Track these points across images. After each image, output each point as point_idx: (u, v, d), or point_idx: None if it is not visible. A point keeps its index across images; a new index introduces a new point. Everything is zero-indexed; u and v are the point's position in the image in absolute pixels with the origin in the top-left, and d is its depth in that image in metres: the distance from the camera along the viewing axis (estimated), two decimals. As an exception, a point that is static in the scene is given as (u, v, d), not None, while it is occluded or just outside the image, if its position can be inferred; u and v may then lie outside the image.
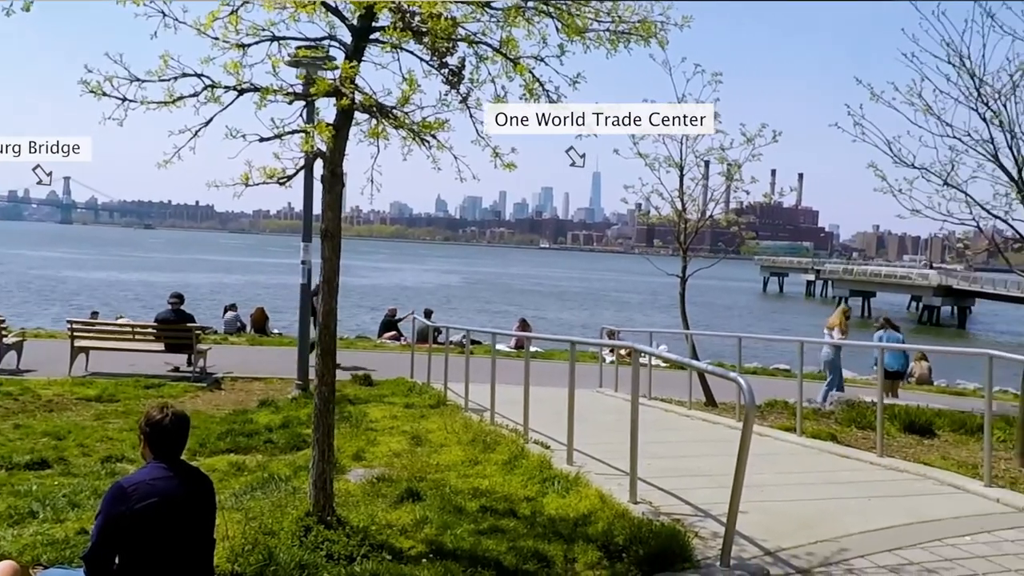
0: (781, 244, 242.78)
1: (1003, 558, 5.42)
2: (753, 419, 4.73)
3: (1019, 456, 8.11)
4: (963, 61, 7.94)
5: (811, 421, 10.36)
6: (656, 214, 12.98)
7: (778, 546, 5.34)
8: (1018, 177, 8.00)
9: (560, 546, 5.18)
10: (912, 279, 75.03)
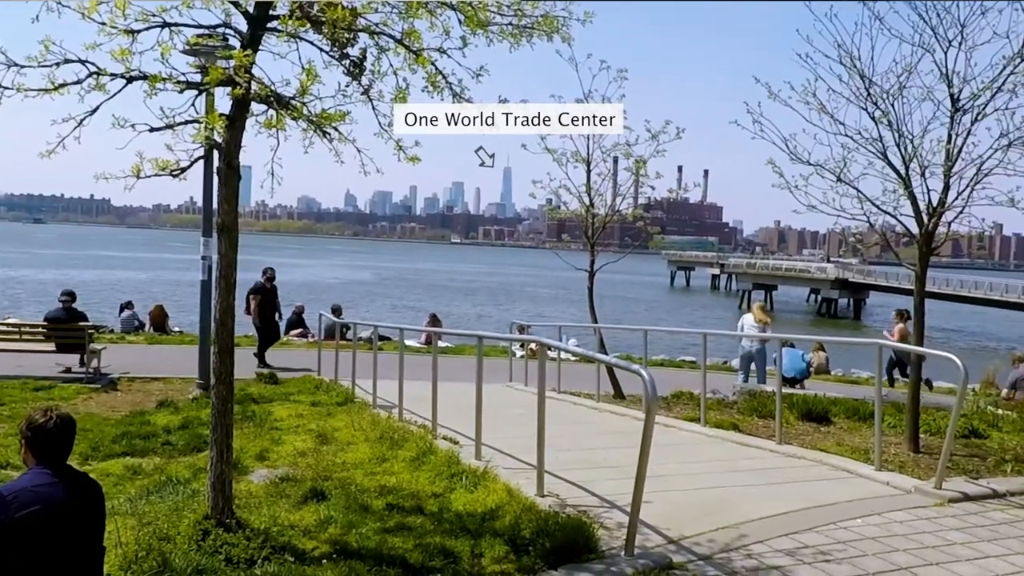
0: (688, 239, 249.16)
1: (891, 539, 5.67)
2: (655, 411, 4.80)
3: (908, 441, 8.48)
4: (853, 62, 8.25)
5: (715, 411, 10.62)
6: (565, 209, 13.10)
7: (681, 534, 5.45)
8: (905, 174, 8.35)
9: (467, 541, 5.15)
10: (811, 273, 78.06)
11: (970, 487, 6.98)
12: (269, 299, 15.55)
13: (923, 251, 8.42)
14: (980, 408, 11.11)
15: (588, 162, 11.78)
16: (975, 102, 8.04)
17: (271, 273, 15.95)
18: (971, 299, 62.59)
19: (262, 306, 15.31)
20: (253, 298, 15.32)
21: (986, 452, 8.56)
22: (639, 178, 12.29)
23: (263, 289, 15.50)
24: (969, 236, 10.88)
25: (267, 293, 15.52)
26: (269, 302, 15.53)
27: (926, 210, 8.30)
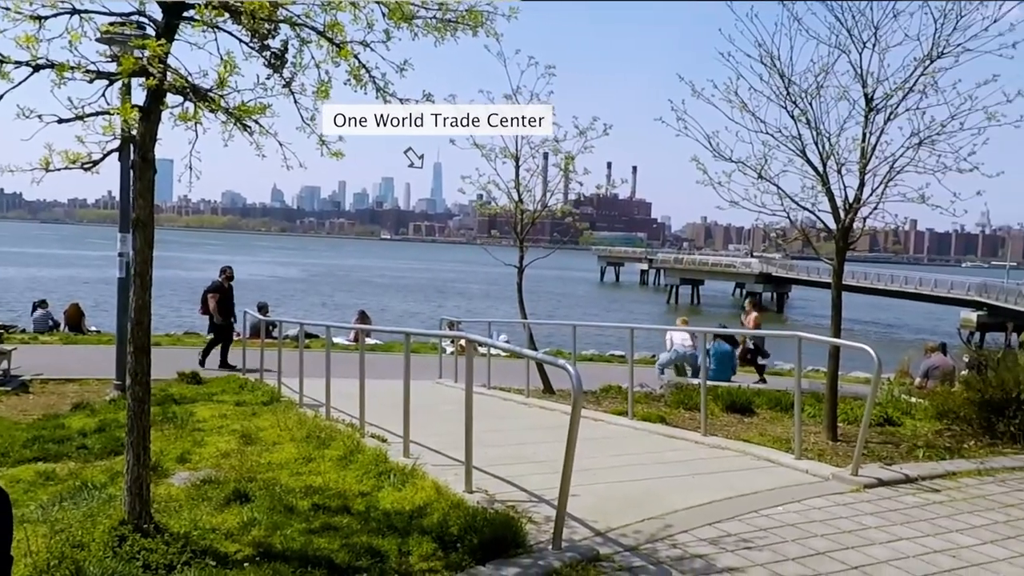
0: (617, 235, 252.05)
1: (810, 524, 5.84)
2: (581, 405, 4.83)
3: (826, 430, 8.74)
4: (773, 62, 8.45)
5: (643, 405, 10.77)
6: (494, 205, 13.11)
7: (608, 526, 5.51)
8: (823, 171, 8.59)
9: (395, 540, 5.11)
10: (736, 267, 79.90)
11: (884, 473, 7.23)
12: (227, 298, 15.26)
13: (840, 246, 8.68)
14: (895, 397, 11.50)
15: (517, 158, 11.81)
16: (888, 102, 8.33)
17: (230, 272, 15.70)
18: (887, 292, 64.94)
19: (222, 305, 15.06)
20: (212, 297, 15.03)
21: (900, 439, 8.88)
22: (568, 174, 12.37)
23: (222, 288, 15.20)
24: (885, 231, 11.26)
25: (226, 292, 15.24)
26: (228, 301, 15.25)
27: (842, 206, 8.55)
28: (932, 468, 7.57)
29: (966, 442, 8.86)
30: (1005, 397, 9.02)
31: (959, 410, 9.51)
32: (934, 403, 10.35)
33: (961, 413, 9.46)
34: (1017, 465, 7.91)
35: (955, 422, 9.52)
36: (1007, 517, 6.29)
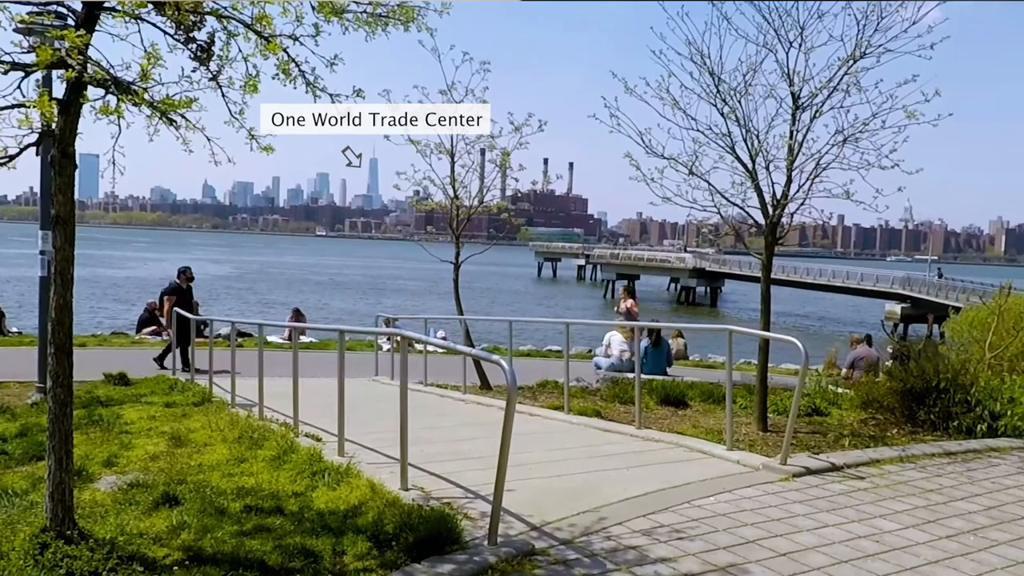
0: (554, 231, 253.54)
1: (741, 514, 5.97)
2: (515, 400, 4.85)
3: (757, 421, 8.94)
4: (704, 60, 8.59)
5: (579, 399, 10.86)
6: (431, 201, 13.05)
7: (543, 520, 5.54)
8: (752, 168, 8.77)
9: (329, 540, 5.05)
10: (671, 262, 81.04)
11: (812, 462, 7.43)
12: (186, 300, 14.89)
13: (768, 241, 8.88)
14: (823, 387, 11.81)
15: (452, 154, 11.79)
16: (813, 100, 8.53)
17: (189, 273, 15.30)
18: (816, 286, 66.73)
19: (183, 307, 14.68)
20: (168, 299, 14.65)
21: (827, 428, 9.13)
22: (505, 171, 12.39)
23: (179, 290, 14.82)
24: (813, 226, 11.55)
25: (184, 294, 14.86)
26: (186, 303, 14.86)
27: (771, 202, 8.74)
28: (857, 456, 7.80)
29: (889, 430, 9.16)
30: (925, 386, 9.36)
31: (883, 399, 9.82)
32: (859, 393, 10.66)
33: (885, 402, 9.77)
34: (936, 451, 8.21)
35: (879, 411, 9.83)
36: (927, 502, 6.53)
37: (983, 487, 7.09)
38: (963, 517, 6.18)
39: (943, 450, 8.28)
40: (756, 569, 4.90)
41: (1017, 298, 17.96)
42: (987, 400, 9.30)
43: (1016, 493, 6.95)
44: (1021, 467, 7.90)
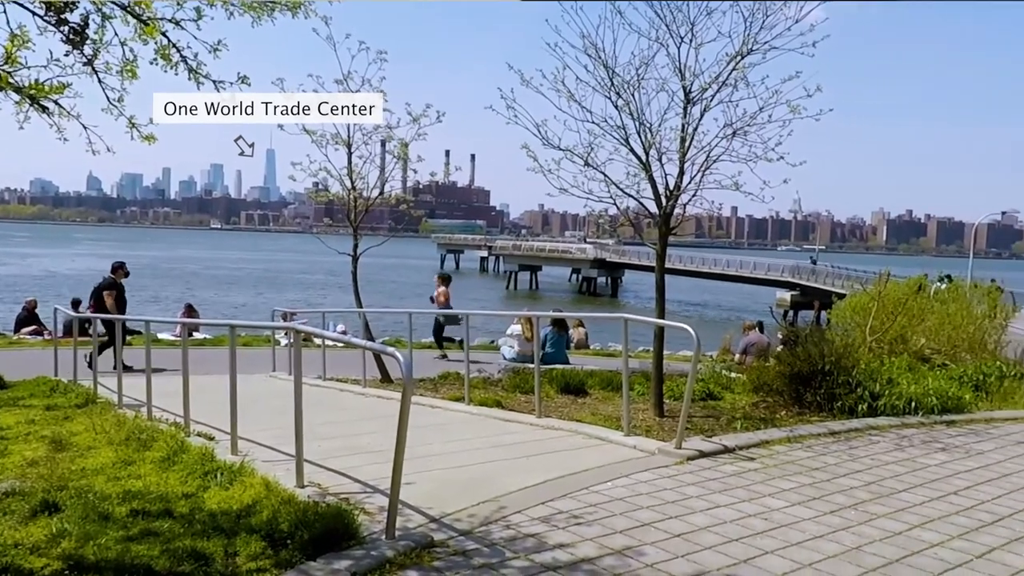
0: (457, 222, 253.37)
1: (637, 498, 6.10)
2: (411, 392, 4.81)
3: (653, 407, 9.14)
4: (598, 53, 8.69)
5: (480, 390, 10.87)
6: (327, 192, 12.79)
7: (443, 512, 5.53)
8: (646, 160, 8.93)
9: (221, 541, 4.90)
10: (573, 253, 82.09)
11: (705, 445, 7.65)
12: (123, 296, 14.38)
13: (662, 231, 9.08)
14: (716, 373, 12.20)
15: (349, 144, 11.56)
16: (703, 94, 8.74)
17: (126, 268, 14.70)
18: (712, 275, 68.84)
19: (119, 303, 14.07)
20: (108, 295, 13.97)
21: (720, 412, 9.41)
22: (405, 162, 12.26)
23: (116, 284, 14.20)
24: (709, 217, 11.88)
25: (122, 289, 14.35)
26: (123, 299, 14.35)
27: (664, 193, 8.94)
28: (748, 438, 8.07)
29: (779, 412, 9.52)
30: (812, 370, 9.76)
31: (772, 383, 10.20)
32: (751, 377, 11.05)
33: (774, 386, 10.15)
34: (821, 431, 8.59)
35: (769, 394, 10.20)
36: (812, 480, 6.82)
37: (864, 463, 7.46)
38: (845, 493, 6.48)
39: (827, 430, 8.65)
40: (651, 551, 5.02)
41: (895, 285, 18.98)
42: (868, 381, 9.78)
43: (893, 468, 7.33)
44: (898, 444, 8.35)
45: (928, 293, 18.96)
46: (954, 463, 7.67)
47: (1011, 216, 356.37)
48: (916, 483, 6.88)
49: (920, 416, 9.52)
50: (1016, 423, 9.89)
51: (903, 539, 5.45)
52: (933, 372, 12.07)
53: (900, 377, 10.51)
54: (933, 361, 14.32)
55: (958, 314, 17.00)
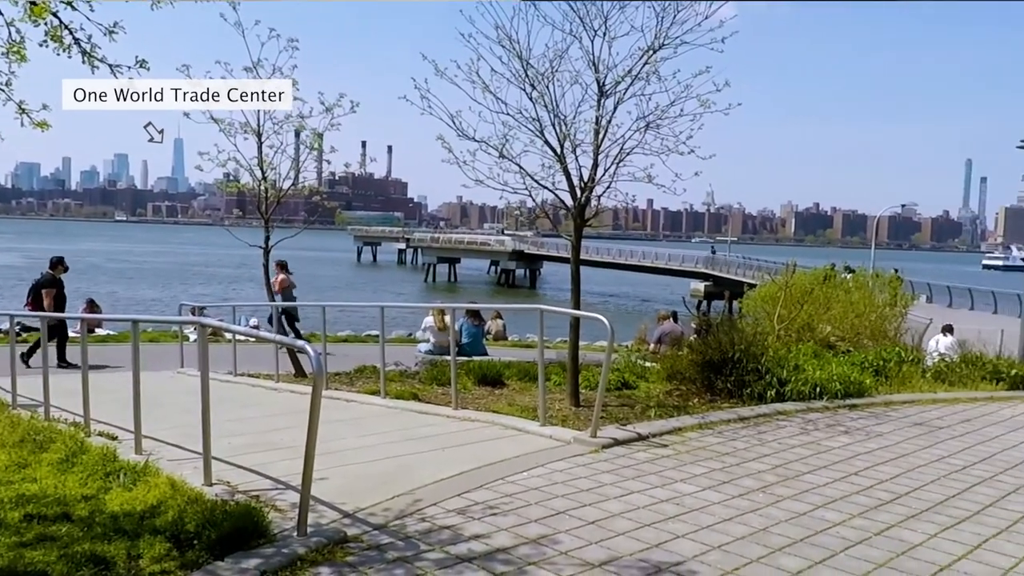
0: (374, 214, 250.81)
1: (552, 487, 6.14)
2: (322, 386, 4.72)
3: (569, 396, 9.22)
4: (512, 45, 8.69)
5: (396, 383, 10.77)
6: (236, 183, 12.45)
7: (357, 507, 5.45)
8: (561, 152, 8.98)
9: (123, 544, 4.71)
10: (491, 245, 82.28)
11: (620, 433, 7.75)
12: (63, 292, 13.75)
13: (577, 223, 9.15)
14: (632, 362, 12.37)
15: (259, 134, 11.26)
16: (617, 88, 8.84)
17: (65, 263, 14.08)
18: (629, 266, 70.05)
19: (58, 300, 13.42)
20: (47, 293, 13.32)
21: (635, 401, 9.55)
22: (320, 152, 12.02)
23: (56, 281, 13.56)
24: (626, 210, 12.03)
25: (61, 286, 13.71)
26: (62, 295, 13.72)
27: (579, 184, 9.01)
28: (661, 425, 8.22)
29: (691, 400, 9.72)
30: (723, 358, 9.99)
31: (685, 371, 10.41)
32: (664, 366, 11.24)
33: (687, 374, 10.36)
34: (731, 417, 8.81)
35: (682, 382, 10.40)
36: (722, 464, 6.99)
37: (771, 447, 7.69)
38: (753, 476, 6.67)
39: (737, 416, 8.89)
40: (565, 538, 5.05)
41: (802, 275, 19.65)
42: (775, 368, 10.08)
43: (799, 451, 7.58)
44: (804, 428, 8.64)
45: (841, 281, 19.65)
46: (855, 445, 7.98)
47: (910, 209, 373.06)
48: (820, 465, 7.13)
49: (824, 401, 9.87)
50: (913, 406, 10.36)
51: (807, 519, 5.64)
52: (837, 358, 12.54)
53: (806, 363, 10.87)
54: (838, 348, 14.89)
55: (861, 303, 17.73)
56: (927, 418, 9.58)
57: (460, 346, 13.59)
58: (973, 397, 11.27)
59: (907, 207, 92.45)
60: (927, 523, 5.69)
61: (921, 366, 13.24)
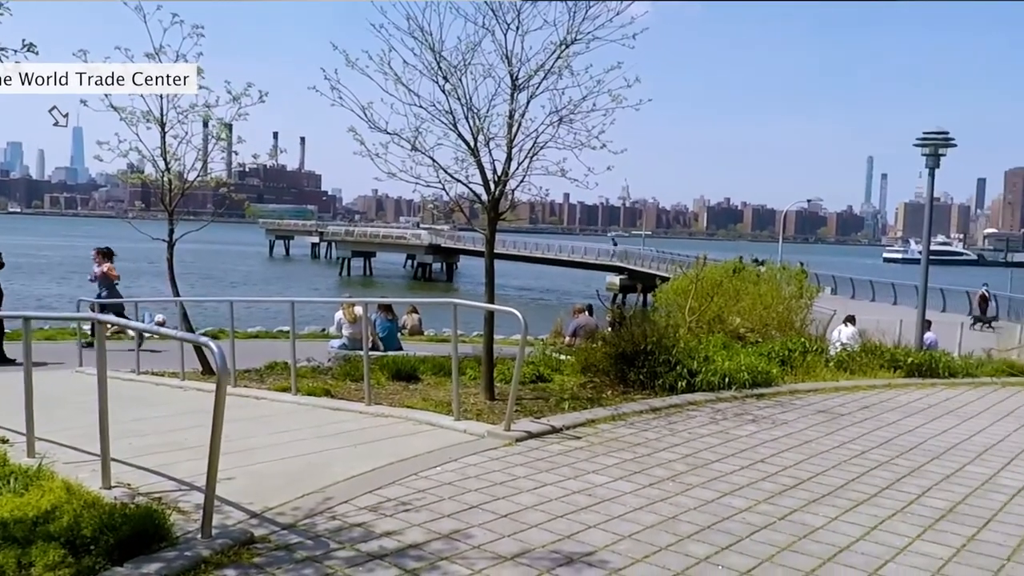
0: (286, 207, 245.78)
1: (466, 481, 6.12)
2: (226, 382, 4.58)
3: (484, 390, 9.21)
4: (425, 36, 8.60)
5: (309, 379, 10.56)
6: (138, 174, 11.98)
7: (265, 506, 5.32)
8: (474, 145, 8.94)
9: (14, 552, 4.47)
10: (407, 239, 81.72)
11: (533, 426, 7.79)
12: None
13: (491, 216, 9.13)
14: (547, 355, 12.47)
15: (163, 123, 10.84)
16: (529, 81, 8.85)
17: (2, 258, 13.59)
18: (546, 260, 70.63)
19: None
20: None
21: (550, 393, 9.60)
22: (230, 143, 11.66)
23: None
24: (542, 204, 12.08)
25: None
26: None
27: (492, 178, 8.99)
28: (575, 418, 8.29)
29: (605, 392, 9.83)
30: (635, 350, 10.15)
31: (599, 364, 10.52)
32: (579, 359, 11.34)
33: (601, 366, 10.48)
34: (643, 408, 8.95)
35: (596, 375, 10.52)
36: (634, 455, 7.10)
37: (682, 437, 7.85)
38: (664, 466, 6.79)
39: (649, 407, 9.04)
40: (479, 532, 5.04)
41: (712, 268, 20.14)
42: (686, 360, 10.29)
43: (708, 440, 7.76)
44: (713, 417, 8.85)
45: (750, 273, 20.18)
46: (762, 433, 8.22)
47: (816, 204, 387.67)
48: (728, 453, 7.32)
49: (733, 390, 10.14)
50: (817, 394, 10.74)
51: (715, 506, 5.78)
52: (746, 349, 12.90)
53: (716, 354, 11.14)
54: (747, 339, 15.32)
55: (769, 295, 18.29)
56: (830, 406, 9.94)
57: (374, 341, 13.46)
58: (873, 384, 11.76)
59: (813, 202, 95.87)
60: (828, 507, 5.89)
61: (825, 356, 13.73)
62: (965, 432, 8.84)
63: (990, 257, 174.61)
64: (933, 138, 18.16)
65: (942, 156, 18.26)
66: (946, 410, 10.19)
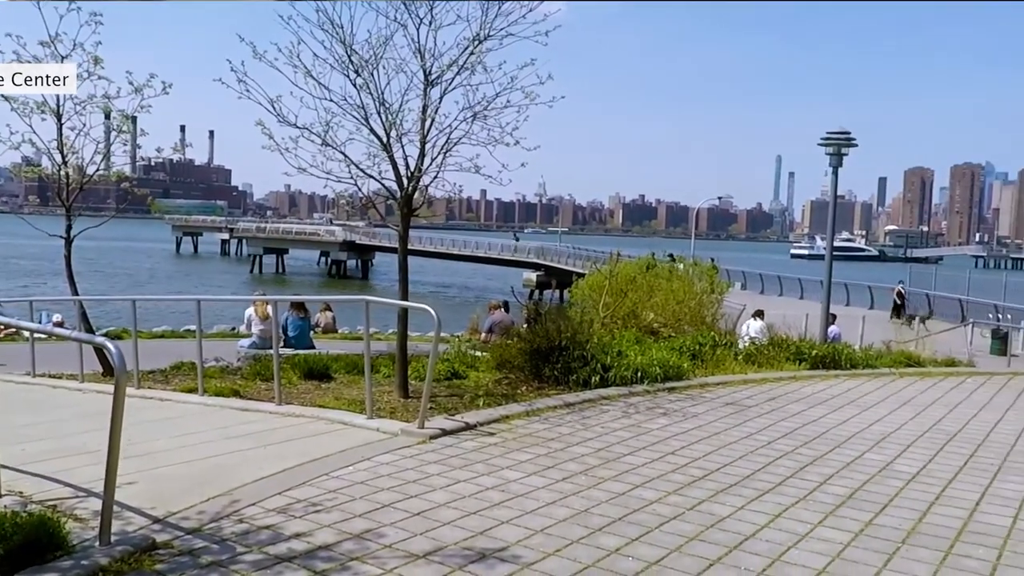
0: (194, 203, 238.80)
1: (378, 480, 6.06)
2: (124, 383, 4.40)
3: (398, 388, 9.13)
4: (335, 29, 8.45)
5: (217, 379, 10.27)
6: (36, 168, 11.46)
7: (168, 511, 5.14)
8: (387, 141, 8.84)
9: None
10: (321, 236, 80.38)
11: (448, 423, 7.76)
12: None
13: (404, 212, 9.05)
14: (462, 352, 12.43)
15: (59, 115, 10.37)
16: (443, 77, 8.80)
17: None
18: (463, 256, 70.53)
19: None
20: None
21: (464, 390, 9.57)
22: (133, 136, 11.23)
23: None
24: (459, 200, 12.03)
25: None
26: None
27: (405, 174, 8.91)
28: (489, 414, 8.30)
29: (520, 388, 9.87)
30: (550, 346, 10.23)
31: (514, 360, 10.56)
32: (494, 355, 11.36)
33: (516, 362, 10.52)
34: (558, 404, 9.03)
35: (511, 371, 10.55)
36: (548, 450, 7.15)
37: (595, 432, 7.94)
38: (577, 460, 6.86)
39: (563, 402, 9.12)
40: (391, 531, 4.99)
41: (626, 264, 20.44)
42: (600, 355, 10.43)
43: (620, 434, 7.88)
44: (626, 411, 8.99)
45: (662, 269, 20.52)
46: (673, 426, 8.39)
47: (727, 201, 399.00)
48: (640, 446, 7.44)
49: (646, 384, 10.32)
50: (726, 387, 11.04)
51: (626, 499, 5.86)
52: (658, 344, 13.16)
53: (629, 349, 11.33)
54: (661, 334, 15.60)
55: (681, 290, 18.66)
56: (738, 398, 10.22)
57: (285, 340, 13.19)
58: (779, 377, 12.16)
59: (724, 200, 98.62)
60: (735, 496, 6.05)
61: (734, 349, 14.12)
62: (865, 421, 9.22)
63: (891, 253, 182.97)
64: (836, 138, 18.88)
65: (845, 155, 19.01)
66: (847, 400, 10.61)
